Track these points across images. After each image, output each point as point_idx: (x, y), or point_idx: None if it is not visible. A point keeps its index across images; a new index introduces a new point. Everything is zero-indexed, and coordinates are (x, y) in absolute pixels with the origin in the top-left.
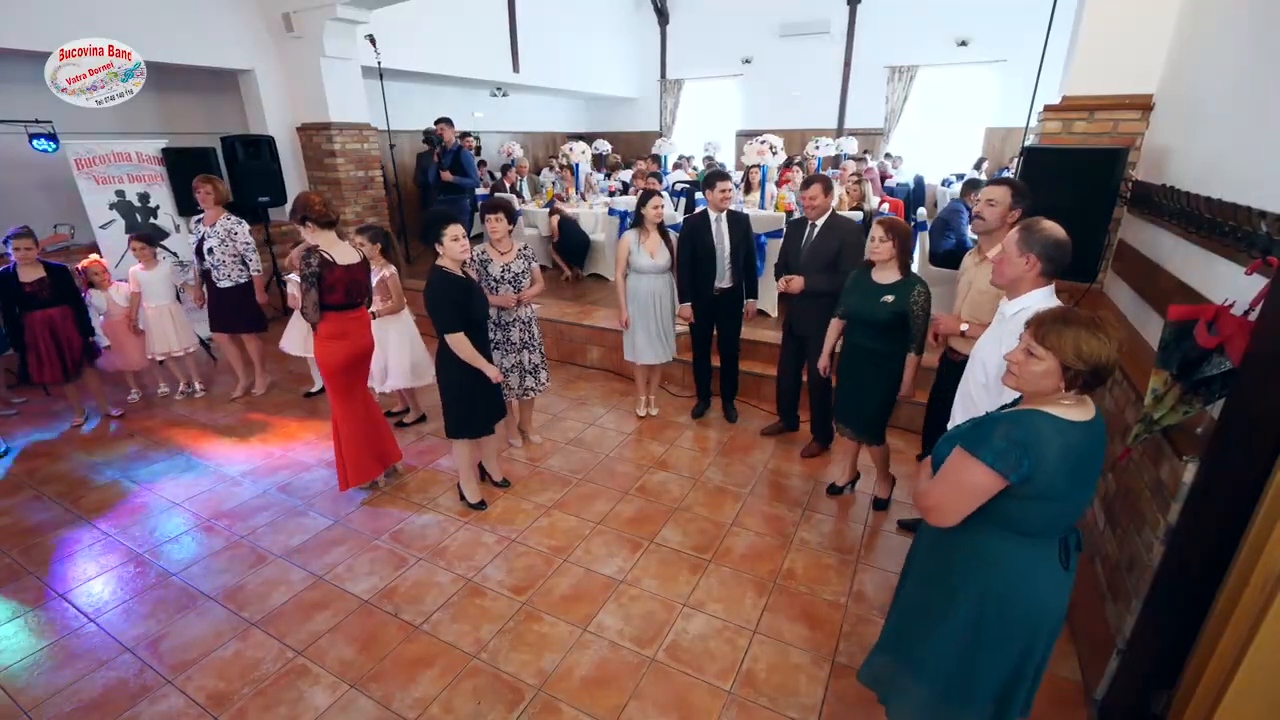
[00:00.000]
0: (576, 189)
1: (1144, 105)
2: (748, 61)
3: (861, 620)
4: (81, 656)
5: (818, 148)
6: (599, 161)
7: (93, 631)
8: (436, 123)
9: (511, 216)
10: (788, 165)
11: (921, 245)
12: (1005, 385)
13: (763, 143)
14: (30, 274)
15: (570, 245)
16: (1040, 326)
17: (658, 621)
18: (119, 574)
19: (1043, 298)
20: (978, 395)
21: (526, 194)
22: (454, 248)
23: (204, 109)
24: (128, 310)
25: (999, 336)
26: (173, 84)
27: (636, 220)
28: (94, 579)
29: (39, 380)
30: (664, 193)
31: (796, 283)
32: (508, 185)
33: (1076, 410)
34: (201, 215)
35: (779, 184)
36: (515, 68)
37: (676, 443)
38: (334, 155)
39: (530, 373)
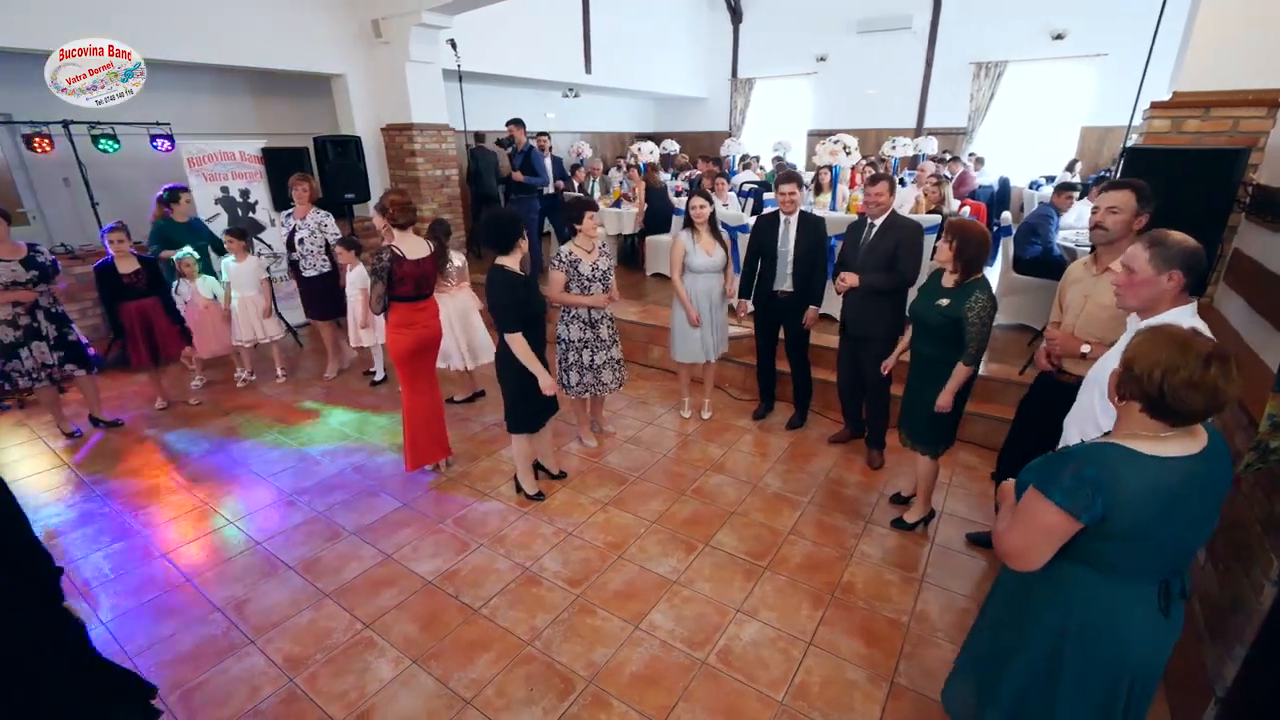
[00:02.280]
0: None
1: (1270, 101)
2: (822, 59)
3: (924, 642)
4: (179, 612)
5: (894, 148)
6: (667, 161)
7: (188, 590)
8: (508, 124)
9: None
10: (872, 169)
11: (1005, 251)
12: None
13: (836, 143)
14: (126, 266)
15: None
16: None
17: (710, 625)
18: (212, 539)
19: (1188, 316)
20: (1105, 423)
21: (596, 193)
22: (522, 244)
23: (299, 111)
24: (209, 303)
25: None
26: (272, 88)
27: (686, 220)
28: (191, 542)
29: (136, 364)
30: (731, 193)
31: (850, 279)
32: (576, 184)
33: (1175, 444)
34: (292, 210)
35: (852, 185)
36: (588, 69)
37: (735, 446)
38: (414, 155)
39: (616, 367)
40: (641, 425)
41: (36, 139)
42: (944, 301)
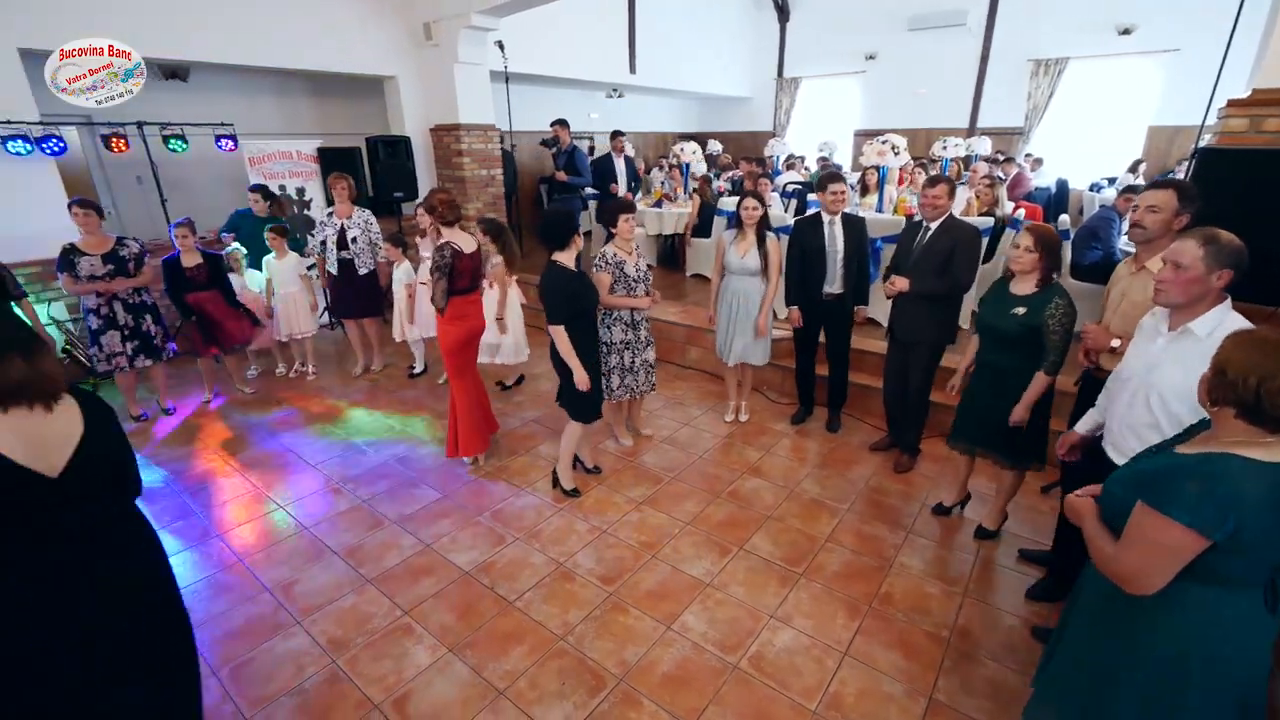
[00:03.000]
0: (685, 189)
1: None
2: (871, 57)
3: (965, 658)
4: (231, 590)
5: (945, 148)
6: (709, 161)
7: (239, 570)
8: (553, 124)
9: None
10: (919, 166)
11: (1062, 256)
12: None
13: (884, 142)
14: (190, 260)
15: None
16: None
17: (743, 629)
18: (263, 523)
19: (1231, 315)
20: (1168, 427)
21: (638, 194)
22: (580, 241)
23: (353, 112)
24: (260, 295)
25: (1180, 357)
26: (328, 90)
27: (736, 220)
28: (244, 524)
29: (202, 354)
30: (774, 193)
31: (901, 283)
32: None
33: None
34: (333, 209)
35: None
36: (632, 69)
37: (773, 450)
38: (461, 155)
39: (650, 369)
40: (678, 426)
41: (114, 139)
42: (1020, 310)
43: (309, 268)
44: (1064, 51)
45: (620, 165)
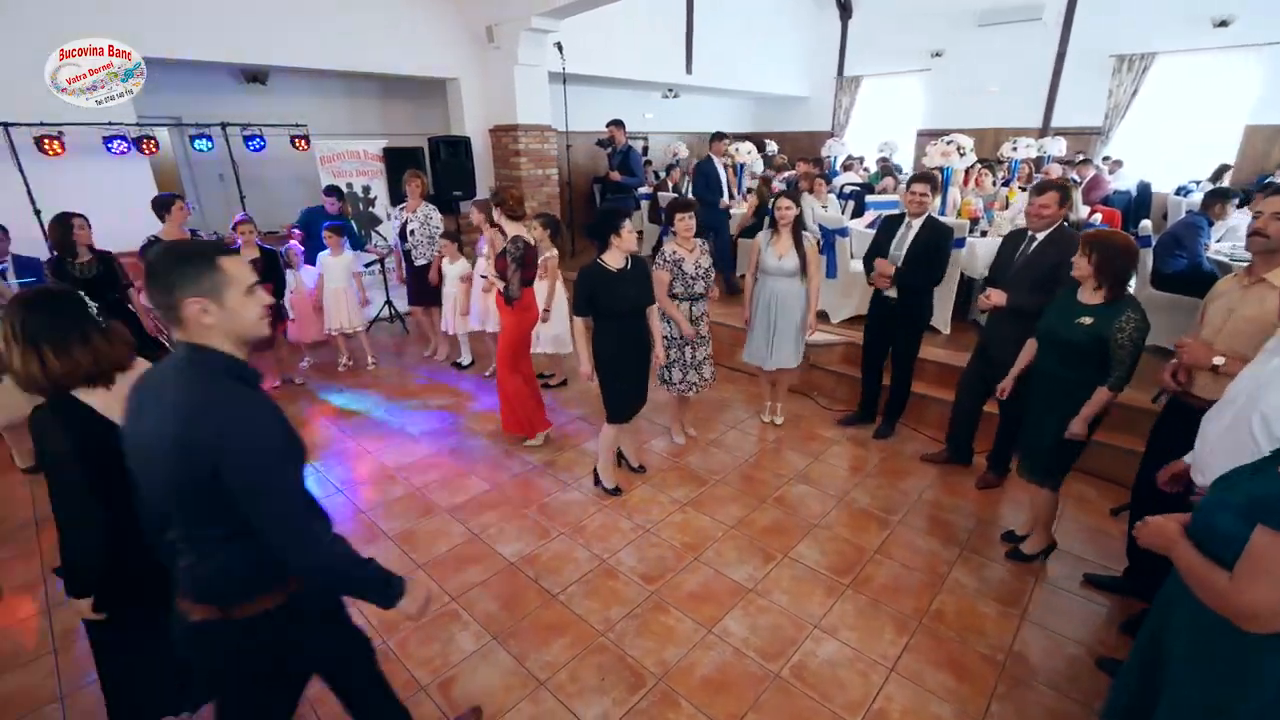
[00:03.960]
0: (739, 189)
1: None
2: (938, 55)
3: (1020, 684)
4: None
5: (1015, 149)
6: (765, 162)
7: None
8: (609, 125)
9: (696, 214)
10: (986, 168)
11: (1142, 264)
12: None
13: (948, 143)
14: (249, 254)
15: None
16: None
17: (785, 638)
18: (326, 504)
19: None
20: (1244, 453)
21: (692, 194)
22: (629, 240)
23: (417, 113)
24: (312, 291)
25: None
26: (394, 92)
27: (770, 221)
28: None
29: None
30: (830, 195)
31: (997, 297)
32: (670, 185)
33: None
34: (405, 204)
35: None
36: (689, 69)
37: (822, 457)
38: (518, 155)
39: (711, 366)
40: (724, 428)
41: (200, 139)
42: (1087, 320)
43: (366, 265)
44: (1151, 46)
45: (721, 170)
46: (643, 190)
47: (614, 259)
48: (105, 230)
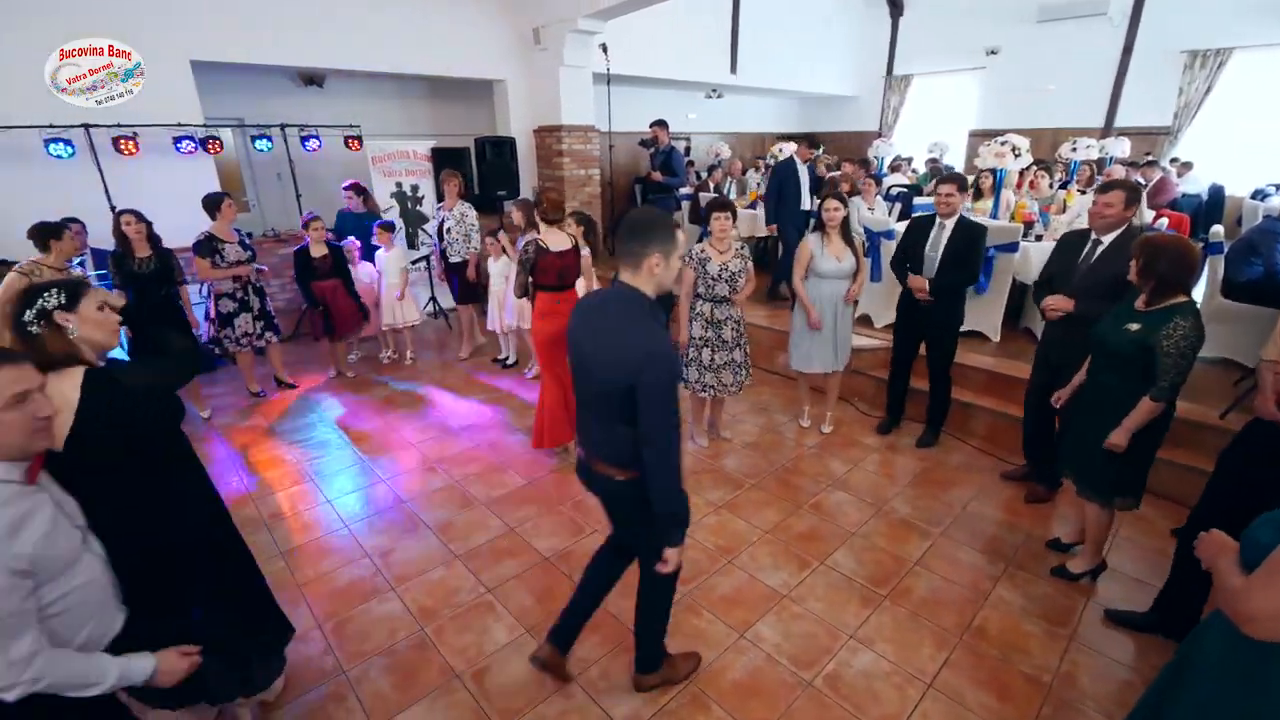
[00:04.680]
0: None
1: None
2: (993, 53)
3: (1067, 707)
4: (336, 552)
5: (1074, 149)
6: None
7: (345, 535)
8: (652, 125)
9: (734, 216)
10: (1043, 170)
11: (1213, 271)
12: None
13: (1003, 143)
14: (318, 251)
15: None
16: None
17: (819, 646)
18: (367, 493)
19: None
20: None
21: (733, 195)
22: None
23: (465, 114)
24: (370, 285)
25: None
26: (443, 93)
27: (818, 223)
28: (350, 494)
29: (318, 337)
30: (877, 196)
31: (1060, 303)
32: (712, 185)
33: None
34: (442, 202)
35: (1018, 189)
36: (733, 69)
37: (861, 464)
38: (561, 155)
39: (738, 369)
40: (761, 432)
41: (261, 139)
42: (1134, 326)
43: (414, 261)
44: (1227, 41)
45: (804, 174)
46: (684, 190)
47: None
48: (172, 226)
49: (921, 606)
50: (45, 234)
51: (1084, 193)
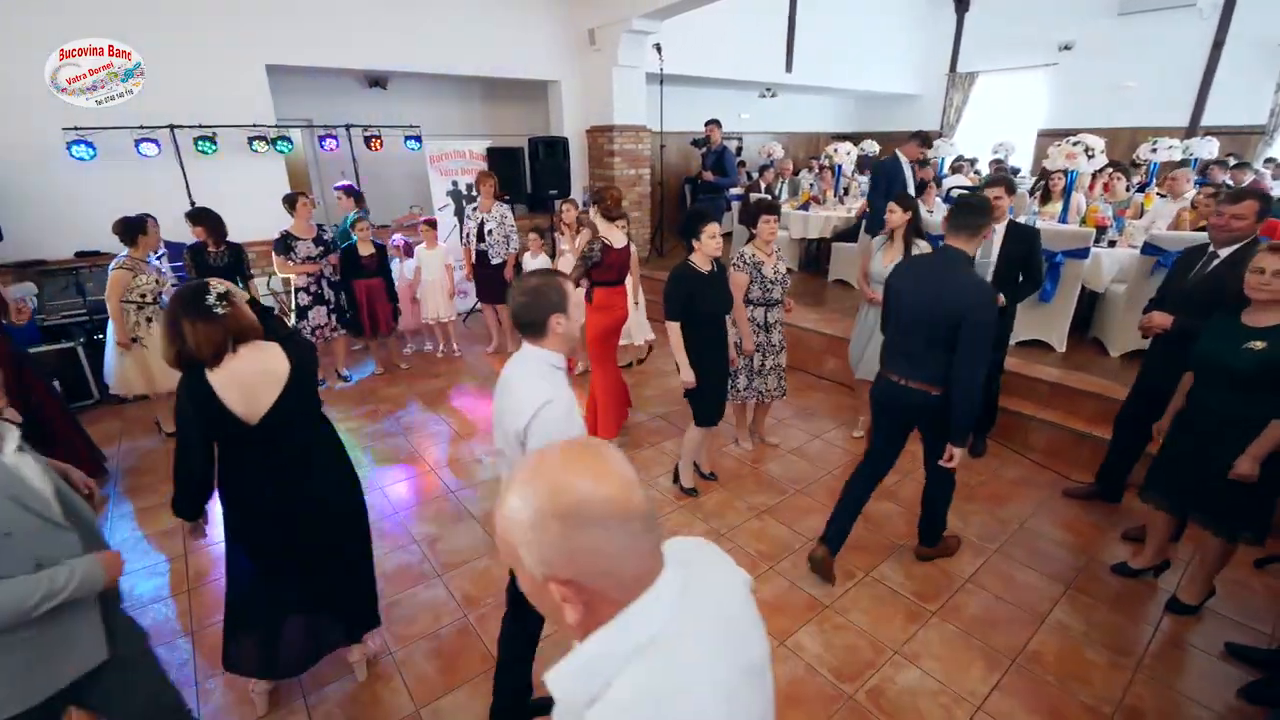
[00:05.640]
0: (835, 191)
1: None
2: (1067, 48)
3: None
4: (387, 538)
5: (1155, 150)
6: (864, 164)
7: (395, 521)
8: (707, 124)
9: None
10: (1119, 172)
11: None
12: None
13: (1075, 144)
14: (365, 250)
15: None
16: None
17: (862, 660)
18: (417, 481)
19: None
20: None
21: (785, 195)
22: (710, 244)
23: (518, 114)
24: (412, 281)
25: None
26: (499, 94)
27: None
28: (401, 481)
29: (362, 334)
30: (938, 199)
31: (1158, 320)
32: (763, 185)
33: None
34: (477, 204)
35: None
36: (788, 68)
37: (912, 474)
38: (613, 155)
39: (781, 373)
40: (807, 438)
41: (327, 139)
42: (1258, 344)
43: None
44: None
45: (909, 171)
46: (734, 191)
47: (702, 261)
48: (243, 221)
49: (973, 625)
50: (132, 229)
51: (1163, 196)
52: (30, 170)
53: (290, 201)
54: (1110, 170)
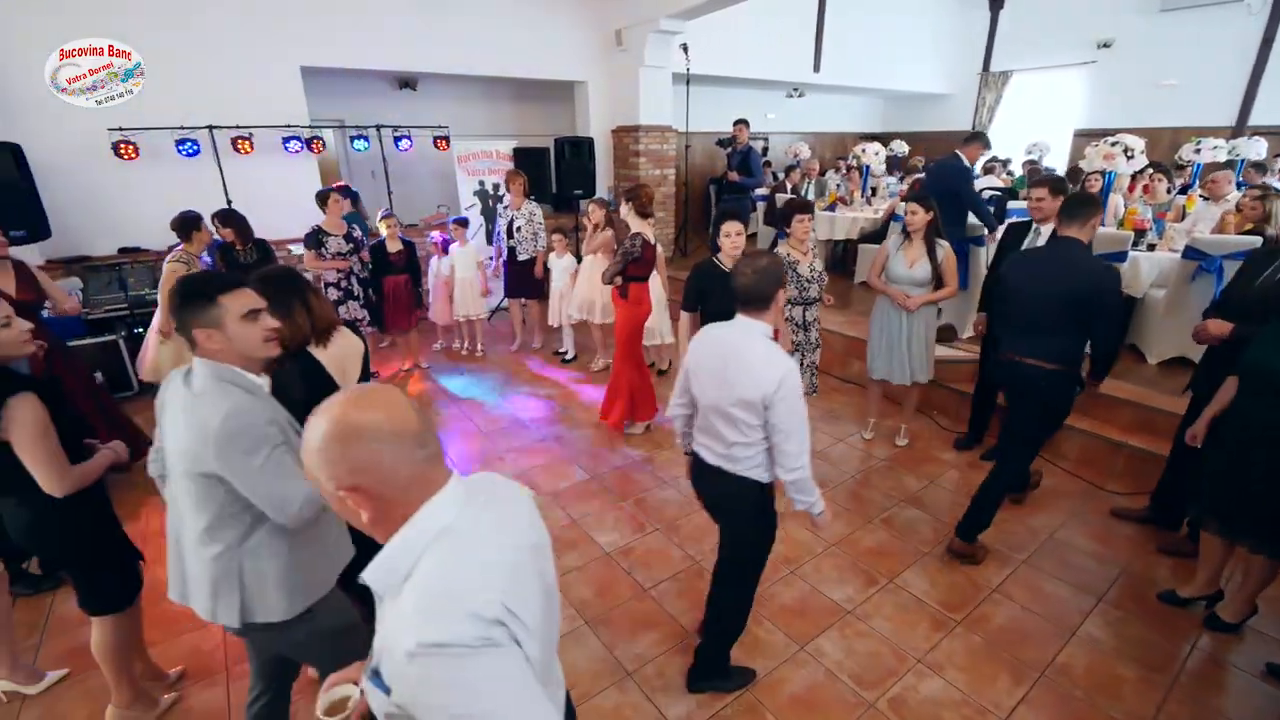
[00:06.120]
0: (863, 192)
1: None
2: (1105, 45)
3: None
4: None
5: (1198, 150)
6: (893, 164)
7: None
8: (735, 124)
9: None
10: (1159, 173)
11: None
12: None
13: (1113, 144)
14: (393, 246)
15: None
16: None
17: (884, 667)
18: None
19: None
20: None
21: (811, 196)
22: (725, 243)
23: (545, 115)
24: (446, 279)
25: None
26: (526, 95)
27: (903, 227)
28: None
29: (390, 330)
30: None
31: (1216, 328)
32: (789, 186)
33: None
34: (508, 201)
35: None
36: (816, 67)
37: (937, 480)
38: (638, 155)
39: (815, 371)
40: (831, 441)
41: (359, 139)
42: None
43: (490, 257)
44: None
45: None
46: (760, 191)
47: (726, 259)
48: (276, 220)
49: (999, 636)
50: (187, 225)
51: (1206, 199)
52: (77, 170)
53: (322, 198)
54: (1151, 171)
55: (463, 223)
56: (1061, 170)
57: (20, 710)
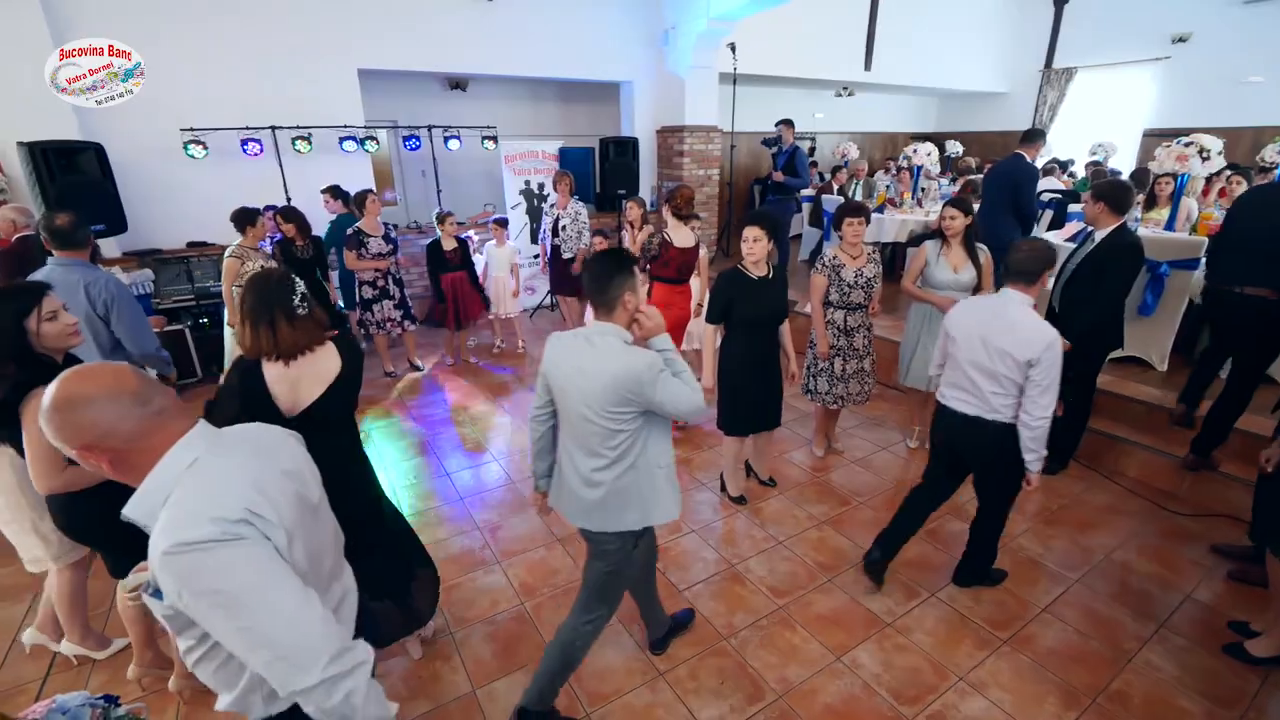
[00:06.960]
0: (913, 194)
1: None
2: (1181, 40)
3: None
4: (450, 521)
5: None
6: (946, 165)
7: (459, 507)
8: (779, 124)
9: (868, 219)
10: (1238, 175)
11: None
12: None
13: (1187, 144)
14: (449, 245)
15: None
16: None
17: (924, 683)
18: (481, 470)
19: None
20: None
21: (859, 197)
22: (742, 248)
23: (590, 115)
24: (481, 276)
25: None
26: (572, 96)
27: (937, 231)
28: (465, 469)
29: (445, 324)
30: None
31: None
32: (836, 187)
33: None
34: (554, 201)
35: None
36: (867, 66)
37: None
38: (682, 155)
39: (865, 379)
40: (874, 448)
41: (411, 139)
42: None
43: (534, 256)
44: None
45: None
46: (805, 192)
47: (754, 266)
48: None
49: (1048, 658)
50: (242, 220)
51: None
52: (152, 167)
53: (360, 200)
54: (1229, 174)
55: (502, 223)
56: (1126, 173)
57: (91, 674)
